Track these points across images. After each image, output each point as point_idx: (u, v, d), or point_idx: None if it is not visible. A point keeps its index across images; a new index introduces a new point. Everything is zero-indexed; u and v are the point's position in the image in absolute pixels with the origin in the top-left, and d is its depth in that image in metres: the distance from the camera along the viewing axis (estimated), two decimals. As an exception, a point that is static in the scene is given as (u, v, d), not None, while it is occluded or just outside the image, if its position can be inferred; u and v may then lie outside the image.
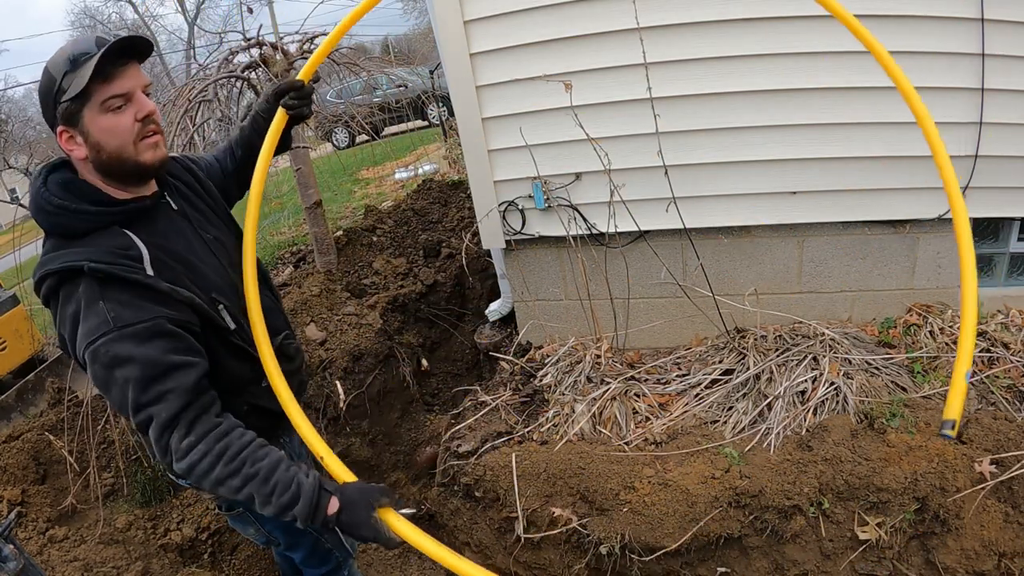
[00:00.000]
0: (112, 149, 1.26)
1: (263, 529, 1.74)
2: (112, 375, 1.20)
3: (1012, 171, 2.39)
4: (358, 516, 1.26)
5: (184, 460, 1.23)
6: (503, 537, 2.36)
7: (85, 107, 1.22)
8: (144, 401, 1.21)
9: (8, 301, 4.06)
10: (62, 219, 1.26)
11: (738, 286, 2.79)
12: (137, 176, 1.33)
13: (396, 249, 4.52)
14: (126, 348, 1.19)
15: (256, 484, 1.25)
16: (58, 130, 1.25)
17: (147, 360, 1.20)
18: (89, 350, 1.20)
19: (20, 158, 14.37)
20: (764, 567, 2.14)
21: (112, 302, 1.20)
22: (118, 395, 1.23)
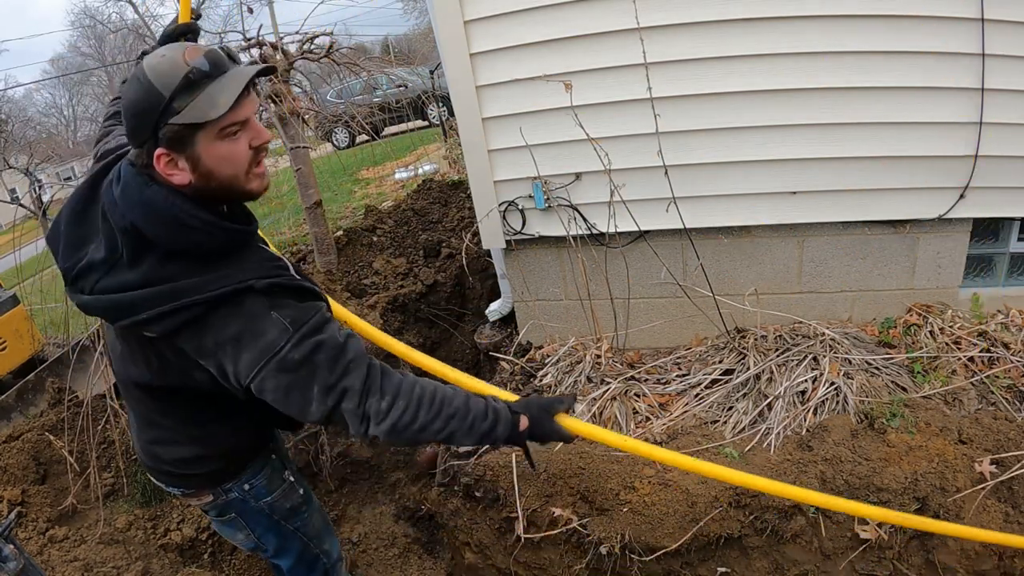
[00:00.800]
0: (225, 178, 1.17)
1: (253, 534, 1.74)
2: (298, 376, 1.21)
3: (1012, 171, 2.39)
4: (544, 427, 1.42)
5: (386, 420, 1.26)
6: (503, 537, 2.36)
7: (198, 135, 1.11)
8: (333, 381, 1.23)
9: (8, 301, 4.06)
10: (204, 235, 1.16)
11: (738, 286, 2.79)
12: (237, 202, 1.28)
13: (396, 249, 4.52)
14: (309, 342, 1.21)
15: (457, 421, 1.32)
16: (157, 152, 1.12)
17: (328, 343, 1.23)
18: (272, 363, 1.18)
19: (20, 158, 14.36)
20: (764, 567, 2.14)
21: (282, 309, 1.21)
22: (304, 393, 1.22)
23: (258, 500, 1.68)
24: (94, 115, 24.89)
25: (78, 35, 24.55)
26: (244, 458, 1.63)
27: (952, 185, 2.44)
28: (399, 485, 3.32)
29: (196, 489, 1.63)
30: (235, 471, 1.63)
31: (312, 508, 1.85)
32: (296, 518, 1.78)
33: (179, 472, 1.58)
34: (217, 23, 23.33)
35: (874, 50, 2.26)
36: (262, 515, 1.71)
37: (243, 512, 1.69)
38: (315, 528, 1.86)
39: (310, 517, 1.83)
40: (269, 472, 1.69)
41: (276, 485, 1.71)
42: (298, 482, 1.79)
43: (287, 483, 1.74)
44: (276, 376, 1.20)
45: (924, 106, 2.33)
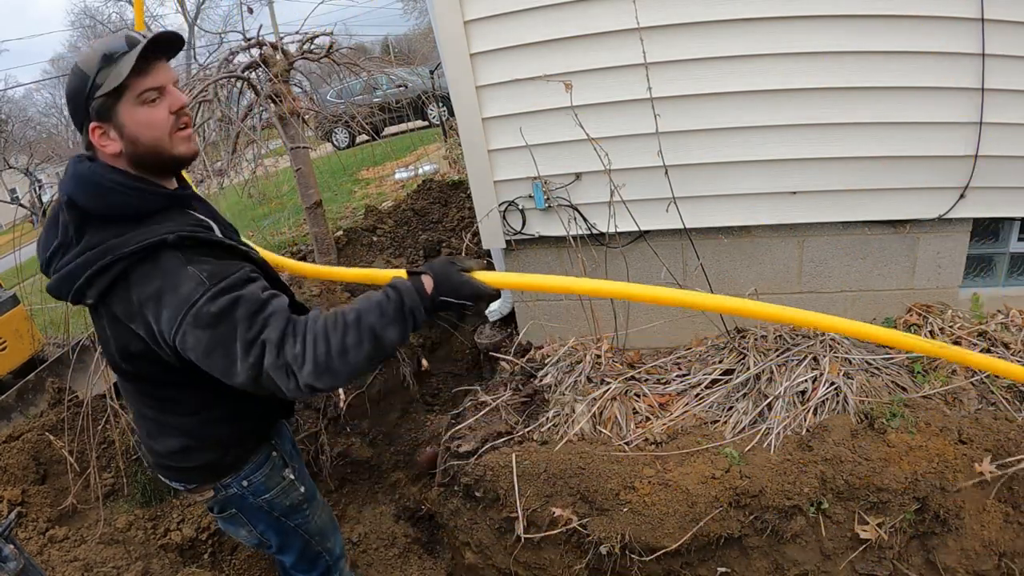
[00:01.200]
0: (149, 142, 1.28)
1: (255, 531, 1.76)
2: (216, 332, 1.20)
3: (1012, 171, 2.39)
4: (452, 280, 1.29)
5: (306, 362, 1.20)
6: (503, 537, 2.36)
7: (120, 101, 1.24)
8: (252, 336, 1.21)
9: (8, 301, 4.06)
10: (130, 198, 1.26)
11: (738, 286, 2.79)
12: (171, 168, 1.36)
13: (396, 249, 4.53)
14: (226, 297, 1.21)
15: (367, 319, 1.23)
16: (91, 126, 1.26)
17: (247, 298, 1.22)
18: (189, 316, 1.19)
19: (20, 158, 14.38)
20: (764, 567, 2.14)
21: (199, 264, 1.22)
22: (226, 351, 1.22)
23: (257, 497, 1.69)
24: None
25: (78, 35, 24.56)
26: (240, 451, 1.63)
27: (952, 185, 2.44)
28: (399, 485, 3.32)
29: (197, 484, 1.65)
30: (232, 465, 1.64)
31: (315, 506, 1.86)
32: (297, 515, 1.79)
33: (175, 465, 1.61)
34: (217, 23, 23.33)
35: (874, 50, 2.26)
36: (262, 512, 1.72)
37: (243, 508, 1.71)
38: (317, 526, 1.86)
39: (312, 515, 1.84)
40: (269, 469, 1.70)
41: (275, 482, 1.72)
42: (299, 480, 1.80)
43: (287, 481, 1.75)
44: (195, 332, 1.20)
45: (924, 106, 2.33)
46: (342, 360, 1.20)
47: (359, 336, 1.21)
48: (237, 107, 4.00)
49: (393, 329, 1.24)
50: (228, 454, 1.62)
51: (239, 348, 1.21)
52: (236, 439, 1.61)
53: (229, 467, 1.64)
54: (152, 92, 1.26)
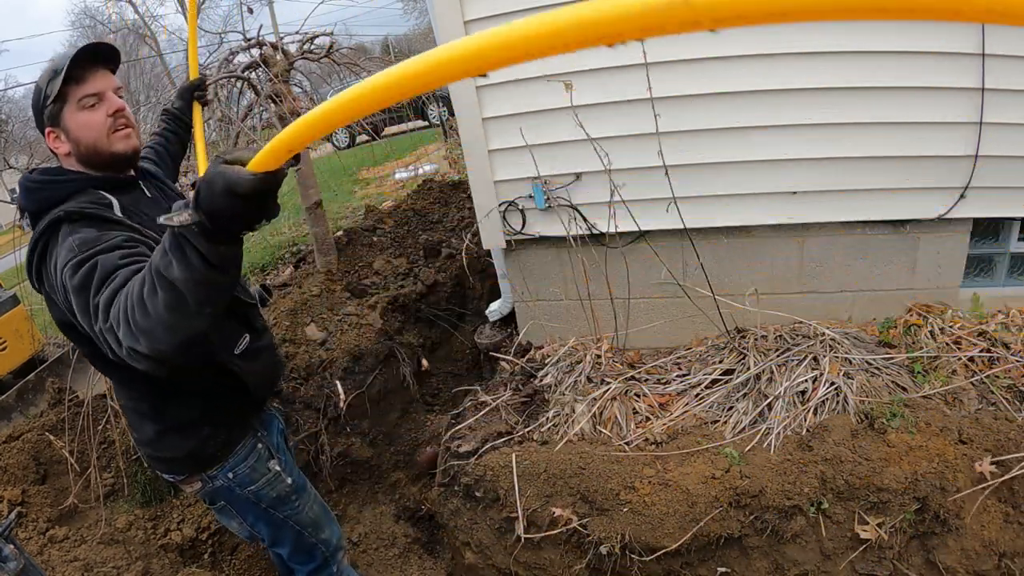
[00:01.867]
0: (89, 141, 1.44)
1: (245, 522, 1.80)
2: (79, 298, 1.22)
3: (1012, 171, 2.39)
4: (208, 182, 0.93)
5: (120, 323, 1.11)
6: (503, 537, 2.36)
7: (65, 107, 1.41)
8: (95, 302, 1.17)
9: (8, 301, 4.06)
10: (45, 192, 1.39)
11: (738, 286, 2.79)
12: (114, 165, 1.49)
13: (396, 249, 4.52)
14: (87, 267, 1.22)
15: (154, 266, 1.05)
16: (46, 131, 1.44)
17: (102, 264, 1.20)
18: (63, 280, 1.25)
19: (20, 158, 14.38)
20: (764, 567, 2.14)
21: (77, 234, 1.28)
22: (85, 317, 1.23)
23: (243, 488, 1.73)
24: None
25: (78, 35, 24.55)
26: (219, 440, 1.66)
27: (952, 185, 2.44)
28: (399, 485, 3.32)
29: (185, 475, 1.69)
30: (215, 456, 1.67)
31: (304, 498, 1.87)
32: (285, 507, 1.81)
33: (158, 455, 1.66)
34: (217, 23, 23.32)
35: (874, 50, 2.26)
36: (249, 503, 1.76)
37: (231, 500, 1.75)
38: (310, 517, 1.88)
39: (302, 506, 1.86)
40: (254, 460, 1.74)
41: (260, 474, 1.75)
42: (286, 471, 1.82)
43: (272, 472, 1.77)
44: (70, 297, 1.24)
45: (924, 106, 2.33)
46: (143, 314, 1.07)
47: (151, 283, 1.06)
48: (237, 107, 4.00)
49: (174, 266, 1.01)
50: (207, 443, 1.64)
51: (90, 312, 1.20)
52: (210, 422, 1.63)
53: (212, 457, 1.67)
54: (91, 98, 1.42)
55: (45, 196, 1.39)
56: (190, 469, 1.68)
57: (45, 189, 1.40)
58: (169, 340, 1.07)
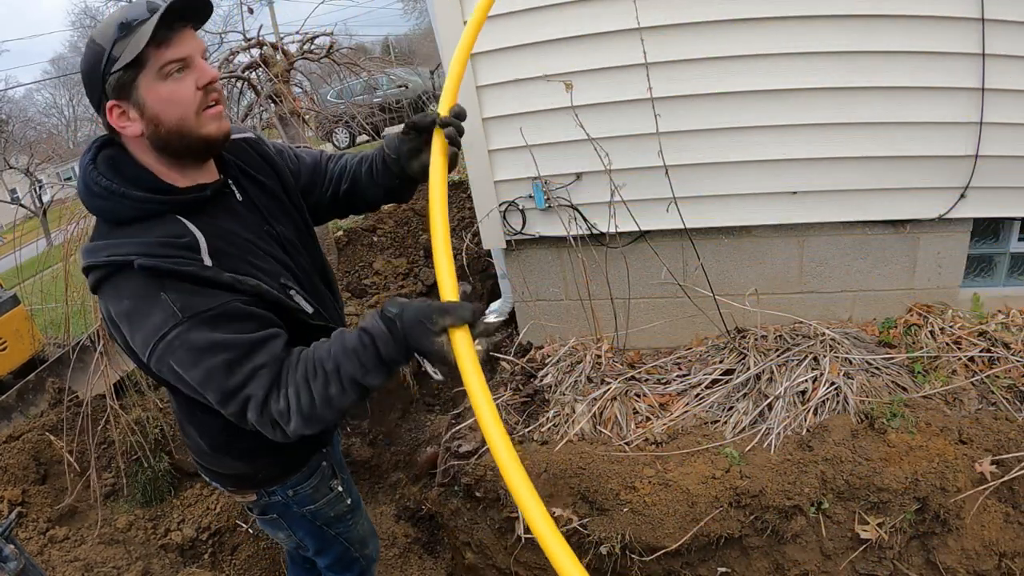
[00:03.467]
0: (173, 121, 1.13)
1: (294, 536, 1.72)
2: (196, 369, 1.10)
3: (1012, 171, 2.39)
4: (423, 343, 1.07)
5: (292, 418, 1.11)
6: (503, 537, 2.36)
7: (140, 75, 1.09)
8: (234, 385, 1.10)
9: (8, 301, 4.06)
10: (108, 203, 1.15)
11: (738, 286, 2.79)
12: (200, 152, 1.21)
13: (397, 249, 4.53)
14: (203, 336, 1.09)
15: (349, 375, 1.11)
16: (108, 105, 1.12)
17: (229, 343, 1.10)
18: (159, 347, 1.09)
19: (20, 158, 14.37)
20: (764, 567, 2.14)
21: (174, 292, 1.09)
22: (205, 395, 1.14)
23: (301, 507, 1.64)
24: (94, 115, 24.80)
25: (78, 35, 24.55)
26: (275, 466, 1.54)
27: (952, 185, 2.44)
28: (399, 485, 3.32)
29: (236, 488, 1.59)
30: (268, 480, 1.56)
31: (358, 515, 1.81)
32: (340, 524, 1.75)
33: (206, 465, 1.55)
34: (217, 23, 23.30)
35: (874, 50, 2.26)
36: (304, 520, 1.67)
37: (285, 515, 1.66)
38: (359, 534, 1.83)
39: (355, 524, 1.80)
40: (317, 480, 1.64)
41: (323, 494, 1.66)
42: (347, 491, 1.74)
43: (335, 492, 1.69)
44: (172, 366, 1.12)
45: (924, 106, 2.33)
46: (328, 408, 1.12)
47: (341, 386, 1.11)
48: (237, 107, 4.00)
49: (374, 376, 1.12)
50: (260, 469, 1.52)
51: (218, 396, 1.12)
52: (265, 451, 1.45)
53: (265, 481, 1.56)
54: (176, 64, 1.11)
55: (106, 207, 1.16)
56: (238, 486, 1.58)
57: (108, 200, 1.15)
58: (337, 418, 1.17)
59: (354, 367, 1.11)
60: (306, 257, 1.45)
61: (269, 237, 1.34)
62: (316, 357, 1.13)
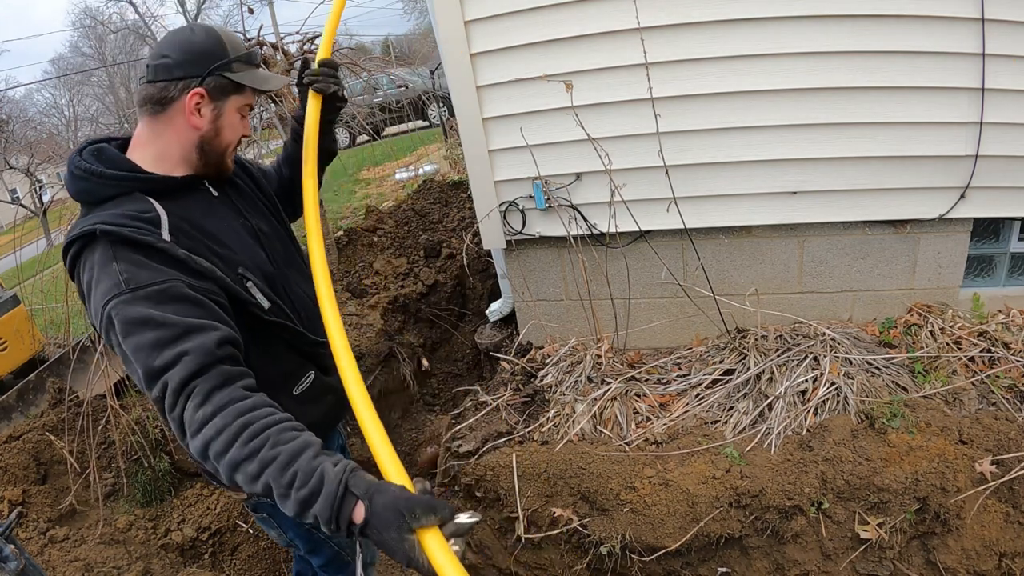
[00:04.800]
0: (223, 142, 1.35)
1: (285, 535, 1.74)
2: (127, 342, 1.10)
3: (1012, 171, 2.39)
4: (385, 537, 0.95)
5: (198, 436, 1.05)
6: (504, 537, 2.36)
7: (232, 97, 1.32)
8: (157, 366, 1.08)
9: (9, 301, 4.06)
10: (86, 184, 1.24)
11: (739, 286, 2.79)
12: (214, 169, 1.39)
13: (397, 249, 4.53)
14: (139, 310, 1.09)
15: (274, 471, 1.01)
16: (195, 89, 1.26)
17: (162, 321, 1.09)
18: (104, 317, 1.12)
19: (20, 158, 14.37)
20: (765, 567, 2.14)
21: (125, 263, 1.13)
22: (133, 370, 1.13)
23: None
24: (95, 115, 24.89)
25: (79, 35, 24.57)
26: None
27: (953, 185, 2.44)
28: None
29: (224, 486, 1.58)
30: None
31: None
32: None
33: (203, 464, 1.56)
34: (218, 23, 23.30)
35: (874, 50, 2.26)
36: (292, 521, 1.68)
37: (274, 514, 1.68)
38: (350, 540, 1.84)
39: None
40: None
41: None
42: None
43: None
44: (108, 334, 1.13)
45: (924, 106, 2.33)
46: (230, 472, 1.04)
47: (258, 471, 1.02)
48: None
49: (288, 506, 1.01)
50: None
51: (142, 374, 1.10)
52: None
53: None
54: (248, 109, 1.39)
55: (83, 189, 1.24)
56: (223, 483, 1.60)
57: (86, 181, 1.23)
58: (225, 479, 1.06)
59: (281, 481, 1.01)
60: (281, 252, 1.53)
61: (244, 230, 1.43)
62: (272, 429, 1.05)
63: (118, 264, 1.12)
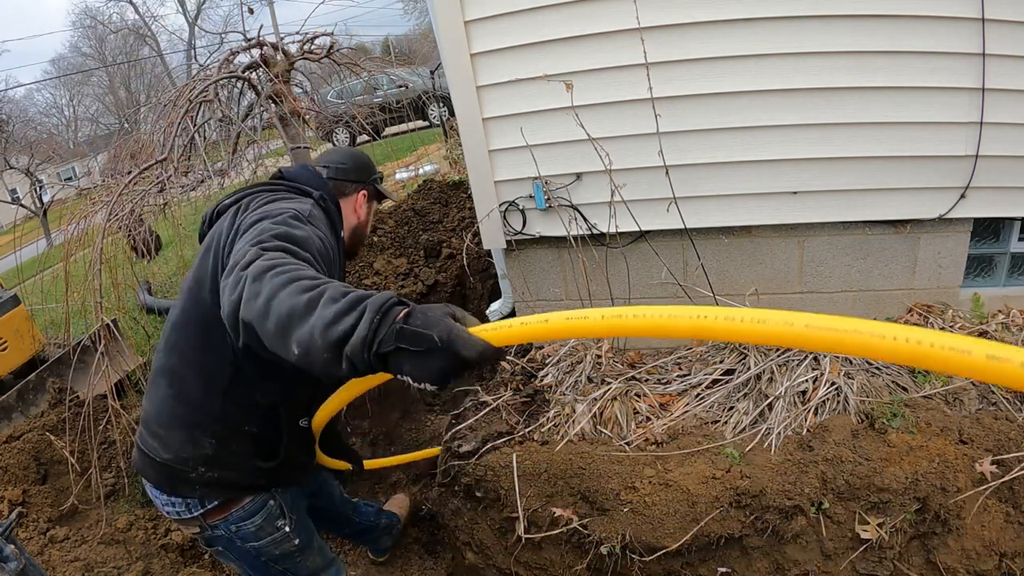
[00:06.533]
0: (365, 231, 1.94)
1: (242, 567, 1.75)
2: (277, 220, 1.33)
3: (1012, 171, 2.39)
4: (429, 315, 0.97)
5: (239, 287, 1.08)
6: (504, 537, 2.36)
7: (374, 202, 1.97)
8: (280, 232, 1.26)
9: (9, 301, 4.06)
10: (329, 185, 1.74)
11: (739, 286, 2.79)
12: (352, 247, 1.92)
13: (397, 249, 4.52)
14: (300, 227, 1.34)
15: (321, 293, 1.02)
16: (363, 192, 1.88)
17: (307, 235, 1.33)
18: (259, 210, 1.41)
19: (21, 158, 14.37)
20: (765, 567, 2.14)
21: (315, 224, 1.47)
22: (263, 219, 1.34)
23: (244, 543, 1.66)
24: (95, 115, 24.91)
25: (79, 35, 24.57)
26: (206, 476, 1.56)
27: (953, 185, 2.44)
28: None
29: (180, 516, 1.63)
30: (218, 494, 1.60)
31: (308, 553, 1.81)
32: (287, 561, 1.76)
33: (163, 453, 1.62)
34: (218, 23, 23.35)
35: (874, 50, 2.26)
36: (248, 555, 1.70)
37: (229, 548, 1.68)
38: (308, 569, 1.83)
39: (303, 561, 1.80)
40: (262, 520, 1.66)
41: (267, 532, 1.68)
42: (296, 531, 1.74)
43: (280, 532, 1.70)
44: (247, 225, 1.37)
45: (924, 106, 2.33)
46: (267, 305, 1.04)
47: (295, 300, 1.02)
48: (238, 107, 4.00)
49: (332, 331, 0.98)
50: (194, 470, 1.55)
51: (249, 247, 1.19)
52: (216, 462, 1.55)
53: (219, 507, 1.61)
54: (376, 214, 2.08)
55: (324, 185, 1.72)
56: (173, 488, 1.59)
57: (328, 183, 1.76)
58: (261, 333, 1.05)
59: (318, 299, 1.01)
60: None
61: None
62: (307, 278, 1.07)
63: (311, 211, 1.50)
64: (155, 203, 3.41)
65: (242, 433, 1.55)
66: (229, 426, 1.53)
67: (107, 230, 3.13)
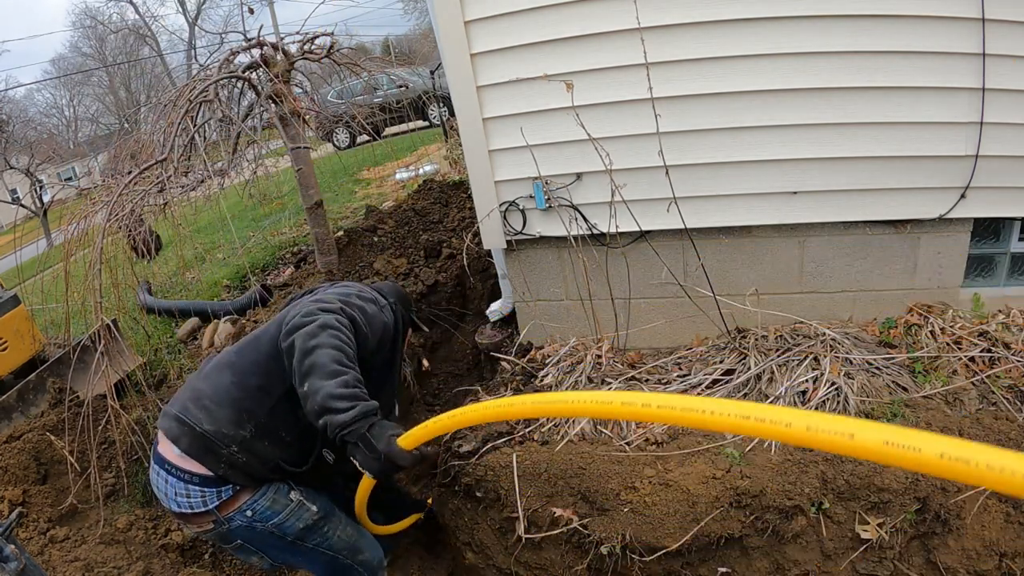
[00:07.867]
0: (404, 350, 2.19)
1: (267, 557, 1.76)
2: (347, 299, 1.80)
3: (1012, 171, 2.39)
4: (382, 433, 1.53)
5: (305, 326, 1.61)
6: (504, 537, 2.36)
7: (410, 329, 2.19)
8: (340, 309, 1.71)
9: (9, 301, 4.05)
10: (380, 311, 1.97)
11: (739, 286, 2.79)
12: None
13: (397, 249, 4.52)
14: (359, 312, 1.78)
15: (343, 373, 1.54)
16: (410, 331, 2.20)
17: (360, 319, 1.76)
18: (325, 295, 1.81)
19: (21, 159, 14.37)
20: (765, 567, 2.14)
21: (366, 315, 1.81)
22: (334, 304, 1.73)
23: (265, 523, 1.68)
24: (95, 115, 24.92)
25: (79, 35, 24.57)
26: (237, 459, 1.65)
27: (953, 185, 2.44)
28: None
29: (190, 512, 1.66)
30: (240, 478, 1.65)
31: (333, 523, 1.83)
32: (314, 535, 1.77)
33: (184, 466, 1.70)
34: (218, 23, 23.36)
35: (874, 50, 2.26)
36: (273, 537, 1.71)
37: (251, 538, 1.70)
38: (343, 541, 1.85)
39: (332, 532, 1.82)
40: (273, 493, 1.70)
41: (283, 505, 1.71)
42: (309, 499, 1.77)
43: (295, 502, 1.73)
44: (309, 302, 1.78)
45: (925, 106, 2.33)
46: (308, 347, 1.57)
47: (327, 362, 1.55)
48: (238, 107, 4.00)
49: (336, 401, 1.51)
50: (225, 449, 1.64)
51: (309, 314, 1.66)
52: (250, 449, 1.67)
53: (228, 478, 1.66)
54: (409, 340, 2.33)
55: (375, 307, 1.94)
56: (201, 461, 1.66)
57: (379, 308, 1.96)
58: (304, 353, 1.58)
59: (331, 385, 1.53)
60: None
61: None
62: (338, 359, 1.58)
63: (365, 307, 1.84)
64: (155, 203, 3.40)
65: (279, 437, 1.71)
66: (271, 427, 1.70)
67: (107, 230, 3.13)
